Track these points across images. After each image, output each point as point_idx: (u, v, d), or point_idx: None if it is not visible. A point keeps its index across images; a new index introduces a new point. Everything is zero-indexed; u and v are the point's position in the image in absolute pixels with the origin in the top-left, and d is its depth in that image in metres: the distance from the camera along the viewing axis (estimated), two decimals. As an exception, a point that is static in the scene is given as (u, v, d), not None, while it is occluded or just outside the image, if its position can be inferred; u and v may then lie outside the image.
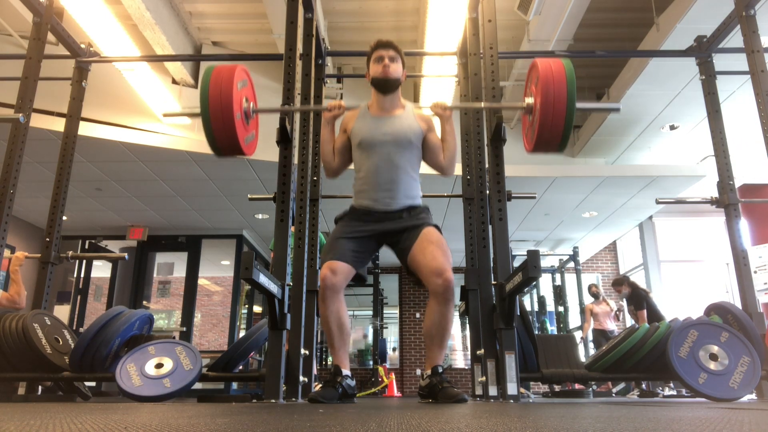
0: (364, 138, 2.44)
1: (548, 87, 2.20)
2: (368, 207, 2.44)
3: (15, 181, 3.27)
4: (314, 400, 2.20)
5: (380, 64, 2.44)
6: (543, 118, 2.22)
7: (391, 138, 2.42)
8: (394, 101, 2.49)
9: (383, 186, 2.42)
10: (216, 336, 10.32)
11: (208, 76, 2.26)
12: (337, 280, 2.29)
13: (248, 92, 2.43)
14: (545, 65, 2.25)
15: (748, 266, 3.39)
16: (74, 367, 2.85)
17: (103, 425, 0.93)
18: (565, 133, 2.23)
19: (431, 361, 2.36)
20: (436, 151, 2.50)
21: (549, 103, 2.20)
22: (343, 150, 2.54)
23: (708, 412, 1.38)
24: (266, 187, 6.26)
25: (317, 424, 0.96)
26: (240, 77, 2.32)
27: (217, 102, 2.22)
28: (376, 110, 2.49)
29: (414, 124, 2.47)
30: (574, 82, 2.19)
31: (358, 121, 2.49)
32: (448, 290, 2.28)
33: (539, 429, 0.85)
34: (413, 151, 2.47)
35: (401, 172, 2.42)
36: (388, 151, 2.42)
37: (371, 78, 2.47)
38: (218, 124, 2.25)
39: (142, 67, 4.89)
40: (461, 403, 2.13)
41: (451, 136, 2.51)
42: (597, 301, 7.42)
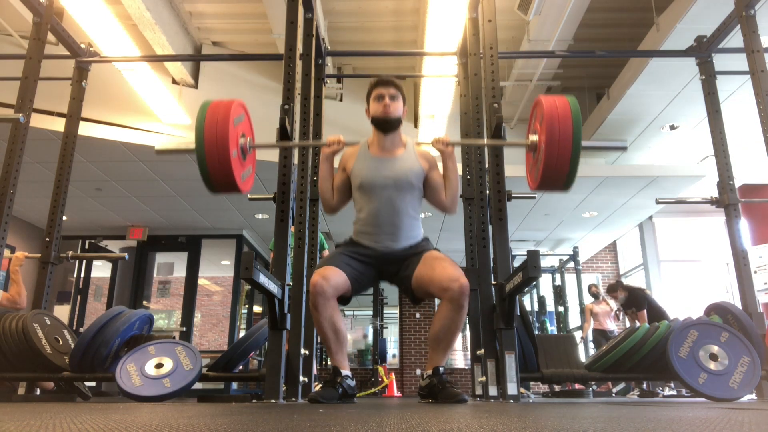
0: (365, 181, 2.39)
1: (553, 126, 2.13)
2: (369, 246, 2.41)
3: (15, 181, 3.27)
4: (314, 400, 2.19)
5: (380, 103, 2.39)
6: (548, 158, 2.16)
7: (392, 181, 2.38)
8: (395, 140, 2.44)
9: (385, 229, 2.38)
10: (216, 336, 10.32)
11: (204, 112, 2.19)
12: (328, 287, 2.21)
13: (245, 127, 2.37)
14: (550, 103, 2.19)
15: (748, 266, 3.39)
16: (74, 367, 2.85)
17: (103, 425, 0.93)
18: (571, 172, 2.17)
19: (433, 362, 2.34)
20: (438, 189, 2.45)
21: (554, 143, 2.13)
22: (343, 188, 2.49)
23: (708, 412, 1.38)
24: (266, 187, 6.26)
25: (317, 424, 0.96)
26: (237, 113, 2.26)
27: (213, 140, 2.15)
28: (377, 150, 2.44)
29: (415, 165, 2.42)
30: (580, 120, 2.14)
31: (358, 162, 2.44)
32: (464, 296, 2.22)
33: (539, 429, 0.85)
34: (414, 192, 2.43)
35: (403, 215, 2.38)
36: (389, 195, 2.37)
37: (371, 117, 2.43)
38: (213, 163, 2.17)
39: (142, 67, 4.88)
40: (461, 403, 2.13)
41: (454, 173, 2.45)
42: (597, 301, 7.41)
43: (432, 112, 5.51)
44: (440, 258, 2.34)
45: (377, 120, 2.41)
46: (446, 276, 2.24)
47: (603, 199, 6.92)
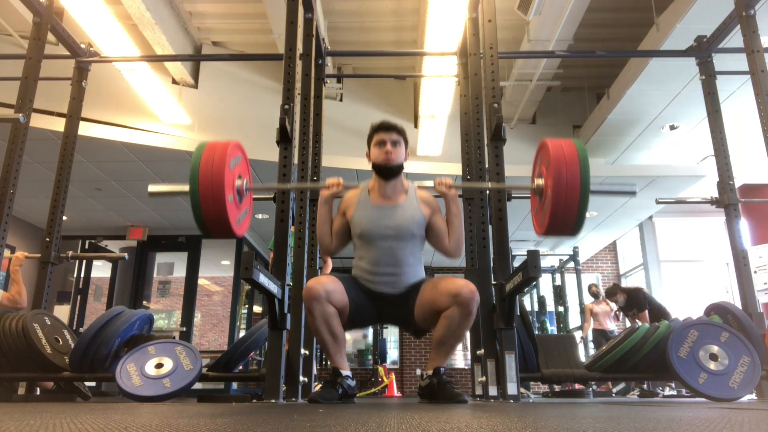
0: (365, 230, 2.35)
1: (560, 171, 2.06)
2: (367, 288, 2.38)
3: (15, 181, 3.26)
4: (314, 400, 2.18)
5: (382, 149, 2.34)
6: (555, 204, 2.10)
7: (393, 231, 2.33)
8: (396, 187, 2.40)
9: (384, 278, 2.35)
10: (216, 336, 10.33)
11: (199, 155, 2.11)
12: (323, 290, 2.17)
13: (242, 168, 2.31)
14: (556, 146, 2.13)
15: (748, 266, 3.39)
16: (74, 367, 2.85)
17: (103, 425, 0.93)
18: (579, 219, 2.10)
19: (434, 363, 2.32)
20: (441, 235, 2.39)
21: (562, 189, 2.06)
22: (342, 233, 2.43)
23: (708, 412, 1.38)
24: (266, 187, 6.25)
25: (317, 424, 0.96)
26: (233, 155, 2.18)
27: (208, 185, 2.07)
28: (378, 198, 2.39)
29: (417, 213, 2.38)
30: (587, 164, 2.08)
31: (359, 210, 2.39)
32: (473, 301, 2.17)
33: (539, 429, 0.85)
34: (416, 241, 2.39)
35: (403, 264, 2.35)
36: (390, 245, 2.33)
37: (372, 163, 2.38)
38: (208, 208, 2.10)
39: (142, 67, 4.89)
40: (461, 403, 2.13)
41: (457, 218, 2.39)
42: (597, 301, 7.39)
43: (432, 112, 5.51)
44: (444, 276, 2.32)
45: (378, 167, 2.36)
46: (456, 283, 2.21)
47: (603, 199, 6.92)
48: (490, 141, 2.72)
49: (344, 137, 5.95)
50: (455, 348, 2.32)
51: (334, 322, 2.22)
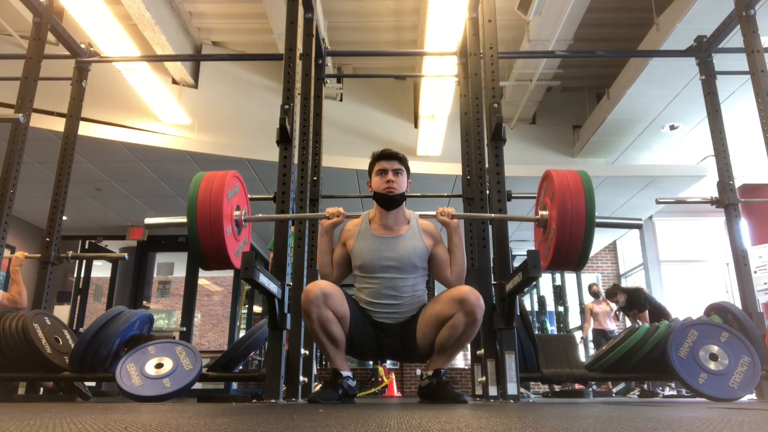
0: (365, 262, 2.33)
1: (565, 203, 2.03)
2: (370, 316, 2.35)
3: (15, 181, 3.26)
4: (314, 400, 2.19)
5: (383, 178, 2.32)
6: (560, 237, 2.06)
7: (395, 263, 2.30)
8: (398, 217, 2.38)
9: (385, 309, 2.33)
10: (216, 336, 10.32)
11: (197, 187, 2.09)
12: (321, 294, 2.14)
13: (240, 199, 2.28)
14: (561, 178, 2.09)
15: (748, 266, 3.39)
16: (74, 367, 2.85)
17: (103, 425, 0.93)
18: (584, 252, 2.05)
19: (435, 364, 2.31)
20: (443, 266, 2.37)
21: (567, 222, 2.03)
22: (343, 263, 2.41)
23: (708, 412, 1.38)
24: (266, 187, 6.26)
25: (317, 424, 0.96)
26: (231, 186, 2.15)
27: (206, 218, 2.05)
28: (379, 228, 2.37)
29: (419, 245, 2.35)
30: (593, 196, 2.05)
31: (359, 241, 2.36)
32: (479, 308, 2.14)
33: (539, 429, 0.85)
34: (418, 272, 2.36)
35: (405, 296, 2.33)
36: (391, 277, 2.31)
37: (373, 192, 2.36)
38: (206, 242, 2.07)
39: (142, 67, 4.89)
40: (461, 403, 2.13)
41: (459, 248, 2.35)
42: (597, 301, 7.38)
43: (432, 112, 5.51)
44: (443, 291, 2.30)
45: (380, 197, 2.33)
46: (460, 290, 2.19)
47: (603, 199, 6.92)
48: (490, 141, 2.72)
49: (344, 137, 5.95)
50: (457, 354, 2.31)
51: (332, 327, 2.18)
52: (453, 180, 6.00)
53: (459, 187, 3.70)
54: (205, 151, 5.50)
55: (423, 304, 2.38)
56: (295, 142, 2.72)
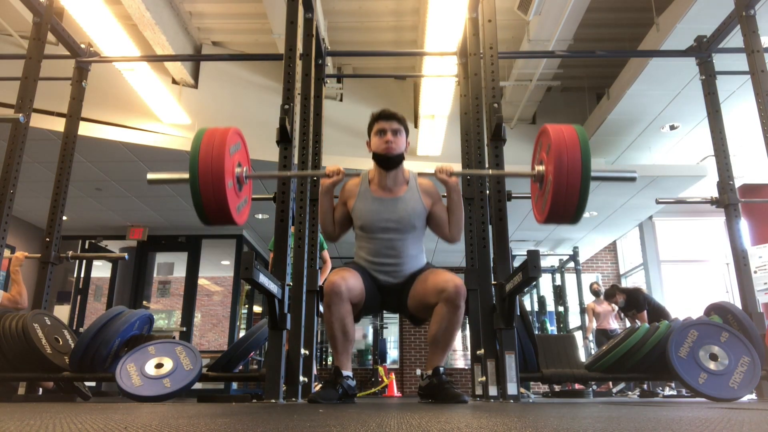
0: (366, 223, 2.38)
1: (561, 156, 2.05)
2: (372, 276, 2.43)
3: (15, 181, 3.26)
4: (314, 400, 2.20)
5: (382, 138, 2.33)
6: (556, 190, 2.08)
7: (394, 224, 2.35)
8: (398, 177, 2.41)
9: (385, 268, 2.40)
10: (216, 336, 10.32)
11: (199, 141, 2.12)
12: (345, 288, 2.21)
13: (242, 156, 2.31)
14: (557, 132, 2.12)
15: (748, 266, 3.39)
16: (74, 367, 2.85)
17: (103, 425, 0.93)
18: (580, 205, 2.08)
19: (433, 362, 2.35)
20: (442, 224, 2.42)
21: (563, 174, 2.05)
22: (344, 221, 2.47)
23: (708, 412, 1.38)
24: (266, 187, 6.26)
25: (317, 424, 0.96)
26: (233, 141, 2.19)
27: (208, 171, 2.06)
28: (378, 190, 2.41)
29: (418, 205, 2.39)
30: (588, 149, 2.07)
31: (359, 201, 2.40)
32: (459, 296, 2.22)
33: (539, 429, 0.85)
34: (417, 232, 2.42)
35: (404, 256, 2.39)
36: (391, 237, 2.36)
37: (373, 153, 2.38)
38: (208, 194, 2.08)
39: (142, 67, 4.89)
40: (461, 403, 2.13)
41: (458, 206, 2.41)
42: (598, 300, 7.36)
43: (432, 112, 5.51)
44: (434, 270, 2.37)
45: (379, 157, 2.35)
46: (441, 279, 2.26)
47: (603, 199, 6.93)
48: (490, 141, 2.72)
49: (344, 137, 5.95)
50: (451, 344, 2.35)
51: (348, 321, 2.26)
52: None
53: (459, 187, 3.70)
54: (205, 151, 5.50)
55: (421, 264, 2.45)
56: (295, 142, 2.72)
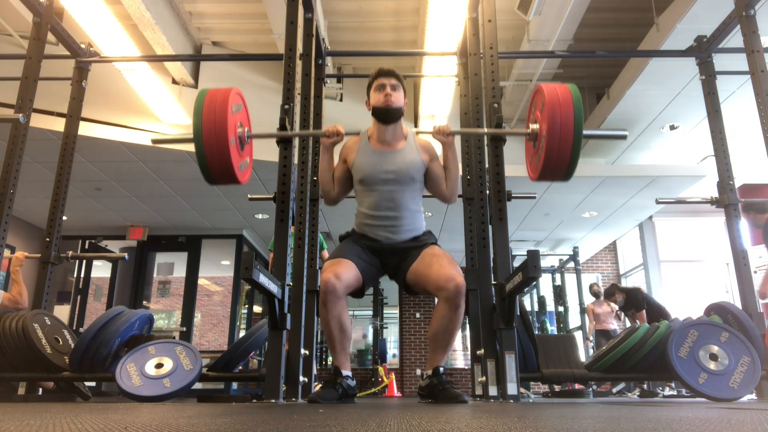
0: (366, 176, 2.41)
1: (555, 114, 2.11)
2: (371, 239, 2.44)
3: (15, 181, 3.26)
4: (313, 400, 2.21)
5: (381, 93, 2.39)
6: (549, 146, 2.14)
7: (393, 176, 2.39)
8: (396, 132, 2.45)
9: (386, 223, 2.40)
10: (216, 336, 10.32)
11: (202, 100, 2.18)
12: (340, 285, 2.22)
13: (243, 117, 2.36)
14: (551, 90, 2.17)
15: (748, 266, 3.39)
16: (74, 367, 2.85)
17: (103, 425, 0.93)
18: (572, 161, 2.15)
19: (433, 362, 2.36)
20: (439, 181, 2.47)
21: (556, 131, 2.11)
22: (343, 179, 2.50)
23: (708, 412, 1.38)
24: (266, 187, 6.26)
25: (317, 424, 0.96)
26: (235, 101, 2.24)
27: (211, 127, 2.12)
28: (377, 144, 2.45)
29: (416, 158, 2.43)
30: (581, 108, 2.12)
31: (359, 156, 2.44)
32: (460, 295, 2.24)
33: (539, 429, 0.85)
34: (415, 186, 2.44)
35: (403, 209, 2.40)
36: (390, 189, 2.39)
37: (372, 108, 2.43)
38: (212, 151, 2.14)
39: (142, 67, 4.88)
40: (461, 403, 2.14)
41: (454, 163, 2.47)
42: (598, 301, 7.37)
43: (432, 112, 5.51)
44: (438, 255, 2.35)
45: (378, 110, 2.40)
46: (443, 275, 2.25)
47: (603, 199, 6.92)
48: (490, 141, 2.72)
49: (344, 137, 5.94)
50: (451, 343, 2.35)
51: (345, 317, 2.28)
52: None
53: (459, 187, 3.70)
54: (205, 151, 5.50)
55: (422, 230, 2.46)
56: (295, 142, 2.72)
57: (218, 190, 6.45)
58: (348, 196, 2.63)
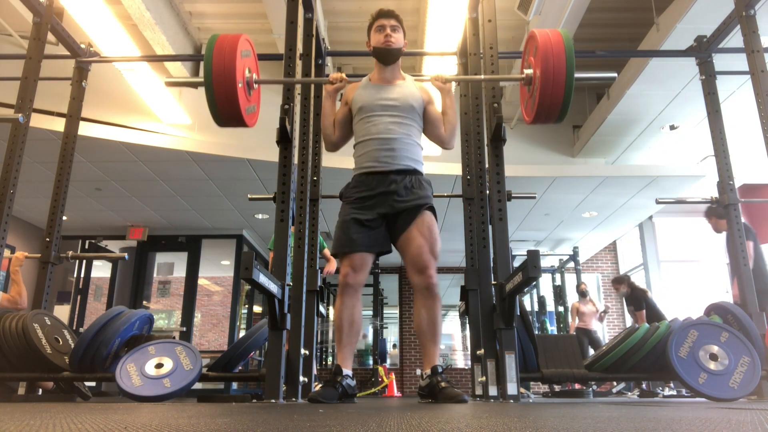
0: (365, 104, 2.48)
1: (548, 57, 2.21)
2: (370, 168, 2.44)
3: (15, 181, 3.26)
4: (314, 400, 2.21)
5: (382, 33, 2.47)
6: (543, 89, 2.23)
7: (393, 103, 2.46)
8: (395, 72, 2.54)
9: (384, 147, 2.42)
10: (216, 336, 10.32)
11: (213, 43, 2.28)
12: (358, 280, 2.35)
13: (251, 63, 2.45)
14: (544, 36, 2.26)
15: (748, 266, 3.39)
16: (74, 367, 2.85)
17: (103, 425, 0.93)
18: (565, 103, 2.24)
19: (429, 360, 2.39)
20: (437, 123, 2.54)
21: (549, 74, 2.21)
22: (344, 122, 2.58)
23: (708, 412, 1.38)
24: (266, 187, 6.26)
25: (317, 424, 0.96)
26: (244, 46, 2.33)
27: (220, 68, 2.23)
28: (378, 80, 2.54)
29: (416, 92, 2.52)
30: (572, 51, 2.21)
31: (359, 91, 2.53)
32: (431, 285, 2.35)
33: (539, 429, 0.85)
34: (414, 118, 2.50)
35: (402, 135, 2.45)
36: (391, 115, 2.45)
37: (372, 48, 2.51)
38: (220, 91, 2.26)
39: (142, 67, 4.88)
40: (461, 403, 2.14)
41: (452, 109, 2.55)
42: (584, 300, 7.60)
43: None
44: (424, 233, 2.37)
45: (379, 51, 2.48)
46: (417, 264, 2.35)
47: (603, 199, 6.92)
48: (490, 141, 2.72)
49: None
50: (437, 332, 2.41)
51: (357, 312, 2.38)
52: (453, 180, 6.00)
53: (459, 187, 3.70)
54: (205, 151, 5.50)
55: (418, 160, 2.48)
56: (295, 142, 2.72)
57: (218, 190, 6.44)
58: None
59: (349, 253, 2.36)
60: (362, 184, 2.45)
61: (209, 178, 6.08)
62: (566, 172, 6.23)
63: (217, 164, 5.75)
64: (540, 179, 6.11)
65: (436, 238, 2.40)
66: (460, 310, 3.51)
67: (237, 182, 6.23)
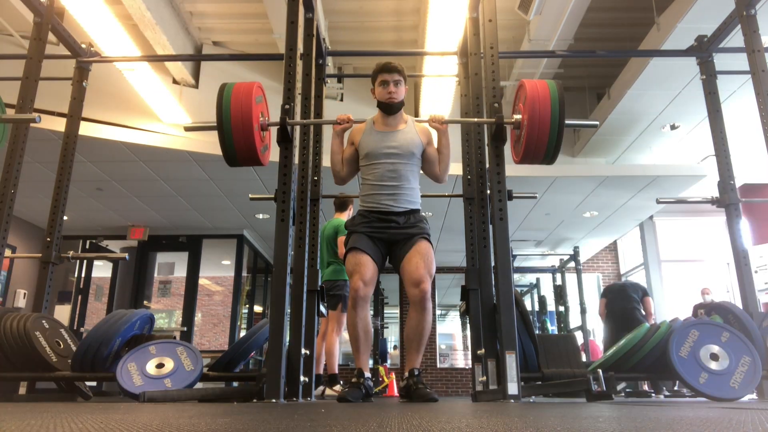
0: (371, 151, 2.71)
1: (534, 105, 2.44)
2: (374, 208, 2.69)
3: (16, 181, 3.27)
4: (343, 399, 2.49)
5: (385, 89, 2.69)
6: (530, 133, 2.46)
7: (395, 150, 2.70)
8: (398, 118, 2.78)
9: (387, 192, 2.67)
10: (216, 336, 10.32)
11: (229, 92, 2.50)
12: (368, 292, 2.59)
13: (263, 107, 2.69)
14: (532, 86, 2.50)
15: (749, 266, 3.39)
16: (75, 367, 2.85)
17: (103, 425, 0.93)
18: (550, 146, 2.48)
19: (409, 364, 2.63)
20: (433, 162, 2.80)
21: (535, 120, 2.44)
22: (351, 160, 2.80)
23: (709, 412, 1.38)
24: (267, 187, 6.26)
25: (317, 424, 0.96)
26: (257, 93, 2.58)
27: (239, 116, 2.46)
28: (381, 126, 2.77)
29: (416, 137, 2.75)
30: (557, 100, 2.44)
31: (365, 136, 2.75)
32: (424, 299, 2.55)
33: (539, 429, 0.85)
34: (414, 161, 2.74)
35: (403, 180, 2.69)
36: (393, 162, 2.69)
37: (377, 101, 2.74)
38: (239, 136, 2.49)
39: (142, 67, 4.89)
40: (432, 402, 2.37)
41: (447, 149, 2.78)
42: None
43: (432, 112, 5.51)
44: (421, 253, 2.62)
45: (383, 105, 2.73)
46: (413, 277, 2.57)
47: (603, 199, 6.92)
48: (490, 141, 2.72)
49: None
50: (422, 343, 2.61)
51: (369, 321, 2.66)
52: (453, 180, 6.00)
53: (460, 187, 3.70)
54: (205, 150, 5.50)
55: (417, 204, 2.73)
56: (295, 142, 2.73)
57: (219, 190, 6.45)
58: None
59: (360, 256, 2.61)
60: (366, 218, 2.71)
61: (210, 177, 6.08)
62: (567, 171, 6.22)
63: (217, 164, 5.75)
64: (541, 179, 6.11)
65: (431, 261, 2.64)
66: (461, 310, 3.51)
67: (238, 182, 6.23)
